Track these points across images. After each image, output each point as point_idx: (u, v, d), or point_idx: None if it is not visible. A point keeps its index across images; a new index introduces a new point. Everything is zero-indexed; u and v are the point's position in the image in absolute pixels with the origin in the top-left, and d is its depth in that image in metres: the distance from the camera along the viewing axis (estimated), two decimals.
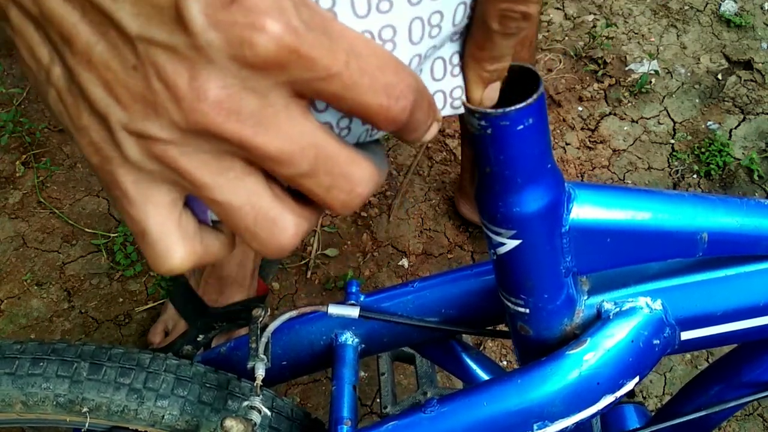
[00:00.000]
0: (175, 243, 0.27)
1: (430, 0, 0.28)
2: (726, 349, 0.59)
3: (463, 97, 0.34)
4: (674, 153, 1.52)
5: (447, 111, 0.34)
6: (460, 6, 0.29)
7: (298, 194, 0.27)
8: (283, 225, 0.27)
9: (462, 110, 0.34)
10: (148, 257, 0.27)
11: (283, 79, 0.23)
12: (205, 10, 0.21)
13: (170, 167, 0.25)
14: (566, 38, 1.71)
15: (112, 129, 0.24)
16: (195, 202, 0.28)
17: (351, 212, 0.28)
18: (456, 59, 0.32)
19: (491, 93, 0.34)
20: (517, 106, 0.34)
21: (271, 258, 0.27)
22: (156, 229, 0.26)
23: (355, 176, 0.27)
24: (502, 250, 0.42)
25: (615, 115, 1.58)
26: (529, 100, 0.34)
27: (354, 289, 0.59)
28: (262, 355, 0.53)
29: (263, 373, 0.52)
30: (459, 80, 0.33)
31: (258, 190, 0.26)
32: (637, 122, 1.57)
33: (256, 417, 0.50)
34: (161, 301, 1.30)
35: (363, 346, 0.60)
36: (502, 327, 0.56)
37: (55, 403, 0.54)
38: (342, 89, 0.24)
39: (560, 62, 1.66)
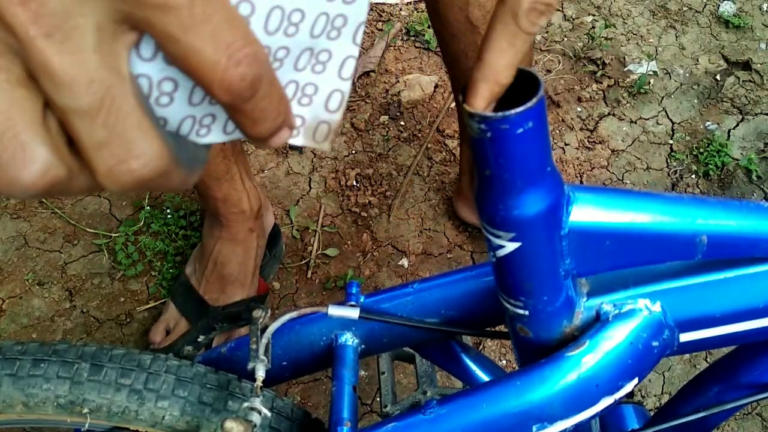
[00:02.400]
0: None
1: None
2: (725, 349, 0.59)
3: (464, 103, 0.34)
4: (673, 153, 1.52)
5: (299, 140, 0.29)
6: (321, 16, 0.26)
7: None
8: (32, 155, 0.22)
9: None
10: None
11: None
12: None
13: None
14: (565, 39, 1.71)
15: None
16: None
17: (114, 188, 0.23)
18: (309, 90, 0.29)
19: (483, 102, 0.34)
20: (518, 110, 0.34)
21: (4, 194, 0.23)
22: None
23: (135, 147, 0.22)
24: (502, 252, 0.42)
25: (614, 115, 1.58)
26: (529, 104, 0.34)
27: (354, 290, 0.59)
28: (263, 357, 0.53)
29: (263, 375, 0.52)
30: (303, 111, 0.29)
31: (23, 107, 0.22)
32: (635, 123, 1.57)
33: (256, 418, 0.50)
34: (162, 301, 1.30)
35: (363, 346, 0.60)
36: (501, 327, 0.56)
37: (56, 404, 0.54)
38: (178, 28, 0.21)
39: (559, 63, 1.66)
